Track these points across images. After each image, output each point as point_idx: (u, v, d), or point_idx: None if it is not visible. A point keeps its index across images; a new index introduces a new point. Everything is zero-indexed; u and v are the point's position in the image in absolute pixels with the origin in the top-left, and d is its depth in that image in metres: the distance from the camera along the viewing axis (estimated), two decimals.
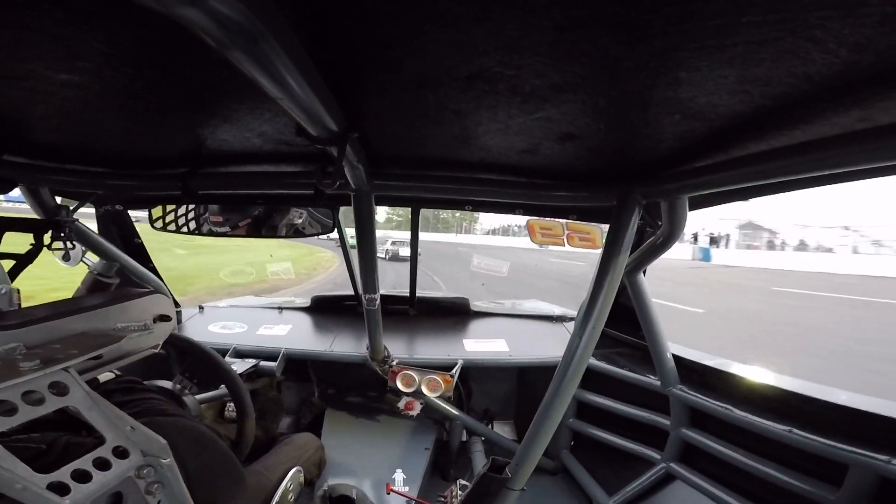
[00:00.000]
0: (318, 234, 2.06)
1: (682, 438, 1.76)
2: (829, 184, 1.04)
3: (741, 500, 1.50)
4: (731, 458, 1.53)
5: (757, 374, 1.64)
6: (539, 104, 0.78)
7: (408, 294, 2.83)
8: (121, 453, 0.71)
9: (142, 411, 1.00)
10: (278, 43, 0.48)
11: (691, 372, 1.81)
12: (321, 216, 1.96)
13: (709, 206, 1.46)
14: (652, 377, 1.86)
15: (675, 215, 1.31)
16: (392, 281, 10.32)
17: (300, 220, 1.97)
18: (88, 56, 0.64)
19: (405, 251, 20.18)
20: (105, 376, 1.11)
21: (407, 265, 2.68)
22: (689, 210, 1.31)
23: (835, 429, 1.32)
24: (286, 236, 2.02)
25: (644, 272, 1.69)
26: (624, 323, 2.24)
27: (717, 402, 1.60)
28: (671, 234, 1.39)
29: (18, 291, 0.98)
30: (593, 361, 2.12)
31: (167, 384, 1.49)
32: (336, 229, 2.05)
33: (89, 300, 0.87)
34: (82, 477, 0.65)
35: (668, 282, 15.24)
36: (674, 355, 1.79)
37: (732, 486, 1.56)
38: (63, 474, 0.63)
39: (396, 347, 2.29)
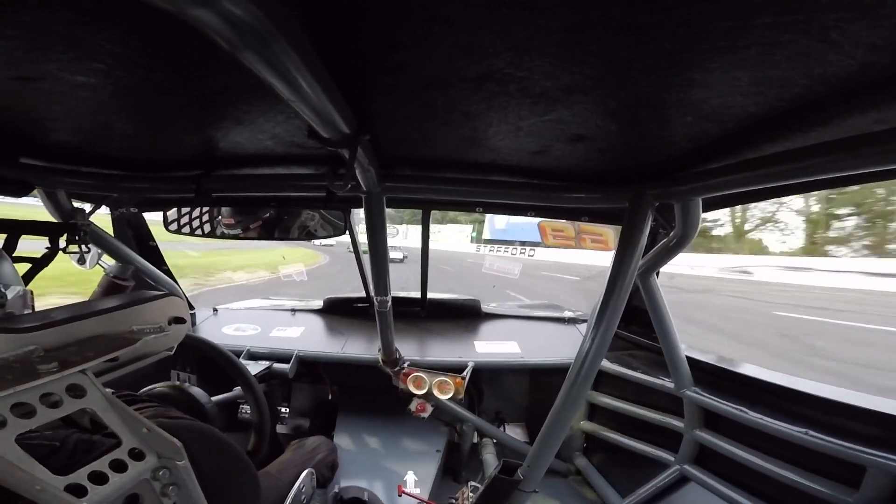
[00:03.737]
0: (330, 237, 2.07)
1: (697, 440, 1.74)
2: (845, 185, 1.03)
3: (756, 501, 1.48)
4: (747, 460, 1.51)
5: (772, 375, 1.62)
6: (549, 105, 0.78)
7: (419, 296, 2.83)
8: (137, 455, 0.71)
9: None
10: (289, 44, 0.48)
11: (705, 374, 1.80)
12: (333, 218, 1.97)
13: (723, 208, 1.45)
14: (665, 379, 1.85)
15: (688, 217, 1.30)
16: None
17: (312, 223, 1.98)
18: (101, 57, 0.65)
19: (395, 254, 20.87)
20: None
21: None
22: (703, 211, 1.30)
23: (852, 431, 1.30)
24: (298, 238, 2.03)
25: (657, 274, 1.67)
26: (637, 325, 2.23)
27: (732, 404, 1.58)
28: (684, 236, 1.37)
29: (32, 293, 0.99)
30: (606, 363, 2.11)
31: (165, 385, 1.51)
32: (348, 231, 2.06)
33: (105, 303, 0.87)
34: (99, 479, 0.65)
35: None
36: (688, 357, 1.78)
37: (748, 487, 1.54)
38: (80, 476, 0.63)
39: (408, 349, 2.29)
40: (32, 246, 1.30)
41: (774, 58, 0.57)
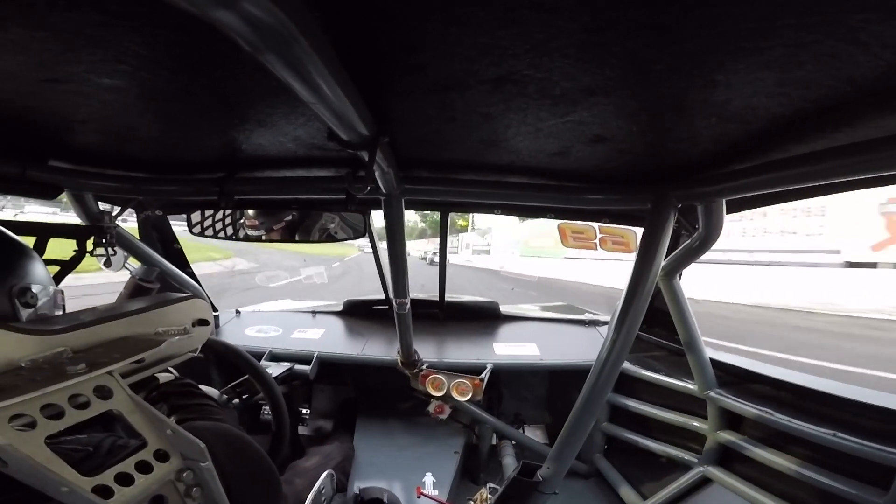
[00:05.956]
0: (350, 239, 2.09)
1: (720, 442, 1.71)
2: (871, 187, 1.00)
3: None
4: (772, 461, 1.49)
5: (797, 377, 1.60)
6: (569, 107, 0.77)
7: (437, 298, 2.83)
8: (161, 456, 0.72)
9: (199, 416, 1.03)
10: (310, 46, 0.47)
11: (729, 375, 1.77)
12: (353, 221, 1.98)
13: (747, 209, 1.42)
14: (688, 381, 1.82)
15: (711, 218, 1.27)
16: None
17: (332, 225, 1.99)
18: (126, 59, 0.65)
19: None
20: (164, 377, 1.13)
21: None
22: (727, 213, 1.27)
23: (881, 432, 1.27)
24: (319, 240, 2.05)
25: (680, 276, 1.65)
26: (659, 327, 2.20)
27: (757, 406, 1.55)
28: (707, 238, 1.35)
29: (63, 294, 1.01)
30: (627, 365, 2.09)
31: (213, 392, 1.51)
32: (367, 234, 2.07)
33: (131, 305, 0.89)
34: (125, 480, 0.66)
35: None
36: (711, 359, 1.75)
37: (773, 489, 1.51)
38: (107, 477, 0.64)
39: (426, 351, 2.29)
40: None
41: (800, 59, 0.56)
